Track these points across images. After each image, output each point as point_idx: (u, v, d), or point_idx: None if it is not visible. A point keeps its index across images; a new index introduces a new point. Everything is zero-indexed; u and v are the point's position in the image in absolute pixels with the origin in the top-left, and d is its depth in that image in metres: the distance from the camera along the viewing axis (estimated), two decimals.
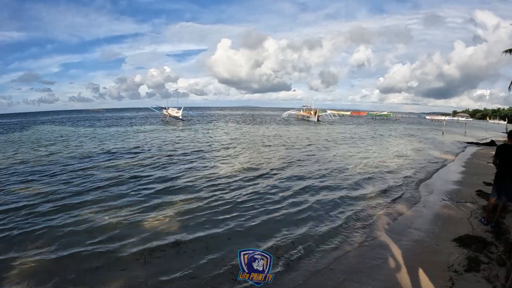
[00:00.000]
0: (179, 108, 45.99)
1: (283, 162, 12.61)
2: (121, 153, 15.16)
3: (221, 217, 6.48)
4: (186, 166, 11.72)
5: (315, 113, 49.01)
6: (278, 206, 7.20)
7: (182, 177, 9.82)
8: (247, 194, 8.08)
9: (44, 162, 13.26)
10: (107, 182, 9.18)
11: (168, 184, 9.05)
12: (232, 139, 21.98)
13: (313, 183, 9.25)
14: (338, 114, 57.12)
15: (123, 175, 10.12)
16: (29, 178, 10.14)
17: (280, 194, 8.07)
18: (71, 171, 10.99)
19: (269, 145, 18.39)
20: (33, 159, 14.09)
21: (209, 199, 7.57)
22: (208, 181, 9.35)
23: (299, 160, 13.15)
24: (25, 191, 8.56)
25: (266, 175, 10.22)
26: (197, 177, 9.83)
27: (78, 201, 7.60)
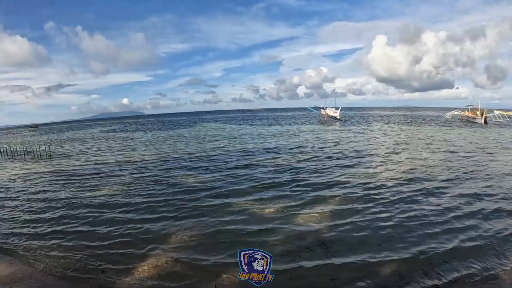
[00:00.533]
0: (336, 108, 46.71)
1: (449, 173, 11.08)
2: (283, 152, 16.73)
3: (373, 225, 6.51)
4: (345, 170, 11.88)
5: (482, 113, 39.82)
6: (442, 228, 6.38)
7: (339, 183, 10.03)
8: (406, 210, 7.47)
9: (209, 156, 16.13)
10: (267, 182, 10.36)
11: (325, 189, 9.39)
12: (392, 142, 20.60)
13: (485, 206, 7.63)
14: (507, 115, 43.96)
15: (282, 175, 11.25)
16: (195, 170, 12.64)
17: (445, 216, 7.04)
18: (233, 167, 12.98)
19: (433, 151, 16.30)
20: (200, 152, 17.17)
21: (365, 212, 7.39)
22: (365, 189, 9.18)
23: (465, 172, 11.12)
24: (189, 180, 10.98)
25: (429, 189, 9.19)
26: (354, 184, 9.83)
27: (235, 194, 9.10)
